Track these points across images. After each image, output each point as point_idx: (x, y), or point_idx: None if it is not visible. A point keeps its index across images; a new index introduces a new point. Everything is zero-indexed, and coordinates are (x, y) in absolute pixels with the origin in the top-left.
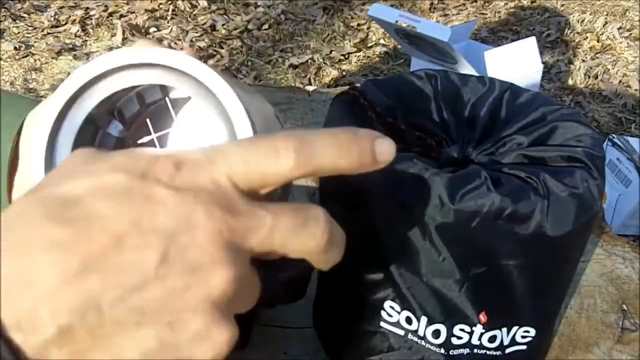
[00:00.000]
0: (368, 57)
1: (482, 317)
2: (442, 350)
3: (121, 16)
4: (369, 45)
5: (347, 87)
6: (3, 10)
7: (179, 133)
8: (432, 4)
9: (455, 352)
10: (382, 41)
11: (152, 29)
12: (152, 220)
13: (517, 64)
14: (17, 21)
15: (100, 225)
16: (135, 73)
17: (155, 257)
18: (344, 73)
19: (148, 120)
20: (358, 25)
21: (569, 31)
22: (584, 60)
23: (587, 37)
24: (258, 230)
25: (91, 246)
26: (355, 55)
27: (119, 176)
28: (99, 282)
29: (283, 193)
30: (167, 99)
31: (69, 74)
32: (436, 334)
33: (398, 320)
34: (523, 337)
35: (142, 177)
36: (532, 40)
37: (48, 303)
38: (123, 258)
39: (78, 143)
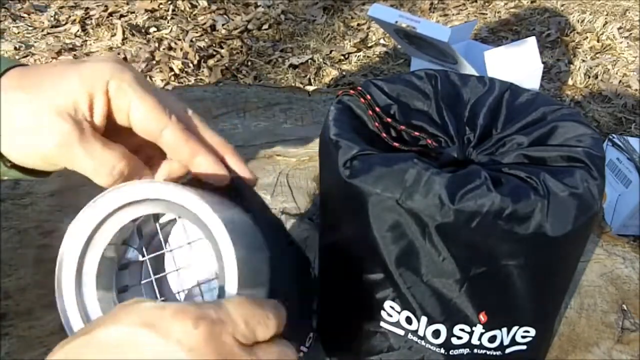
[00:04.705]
0: (368, 57)
1: (482, 317)
2: (442, 350)
3: (121, 16)
4: (369, 45)
5: (347, 87)
6: (3, 10)
7: (175, 255)
8: (432, 4)
9: (455, 352)
10: (382, 41)
11: (152, 29)
12: None
13: (517, 64)
14: (17, 21)
15: None
16: (134, 209)
17: None
18: (344, 73)
19: (148, 262)
20: (358, 25)
21: (569, 31)
22: (584, 60)
23: (587, 37)
24: None
25: None
26: (355, 55)
27: (148, 334)
28: None
29: None
30: (158, 225)
31: None
32: (436, 334)
33: (398, 320)
34: (523, 337)
35: (166, 336)
36: (532, 40)
37: None
38: None
39: (101, 275)
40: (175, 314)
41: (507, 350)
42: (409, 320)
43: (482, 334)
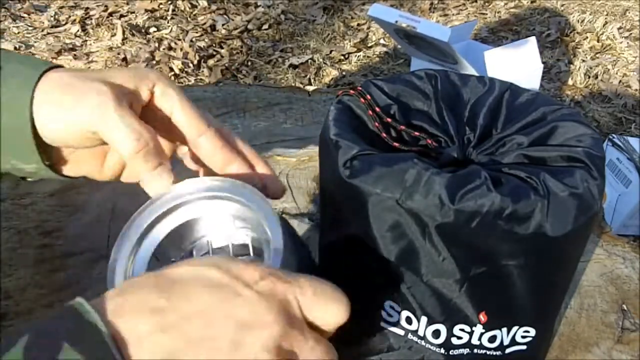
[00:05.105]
0: (368, 57)
1: (482, 317)
2: (442, 350)
3: (121, 16)
4: (369, 45)
5: (347, 87)
6: (3, 10)
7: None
8: (432, 4)
9: (455, 352)
10: (382, 41)
11: (152, 29)
12: (234, 310)
13: (517, 64)
14: (17, 21)
15: (192, 302)
16: (192, 206)
17: (228, 339)
18: (344, 73)
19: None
20: (358, 25)
21: (569, 31)
22: (584, 60)
23: (587, 37)
24: (302, 348)
25: (179, 313)
26: (355, 55)
27: (216, 272)
28: (176, 340)
29: None
30: (210, 247)
31: None
32: (436, 334)
33: (398, 320)
34: (523, 337)
35: (234, 277)
36: (532, 40)
37: (137, 346)
38: (203, 330)
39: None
40: (247, 265)
41: (507, 350)
42: (409, 320)
43: (482, 334)
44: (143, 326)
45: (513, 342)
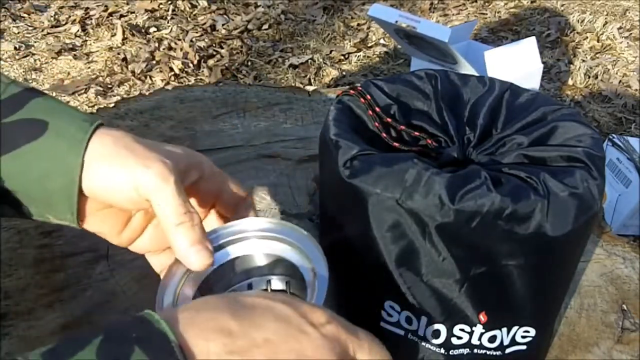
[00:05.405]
0: (368, 57)
1: (482, 317)
2: (442, 350)
3: (121, 16)
4: (369, 45)
5: (348, 87)
6: (3, 10)
7: None
8: (432, 4)
9: (455, 352)
10: (382, 41)
11: (152, 29)
12: (298, 346)
13: (517, 64)
14: (17, 21)
15: (260, 331)
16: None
17: None
18: (344, 73)
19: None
20: (358, 25)
21: (569, 31)
22: (584, 60)
23: (587, 37)
24: None
25: (248, 340)
26: (355, 55)
27: (286, 308)
28: None
29: None
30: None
31: (68, 74)
32: (436, 334)
33: (398, 320)
34: (523, 337)
35: (302, 316)
36: (532, 40)
37: None
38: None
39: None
40: (315, 307)
41: (507, 350)
42: (409, 320)
43: (482, 334)
44: (213, 344)
45: (513, 342)
